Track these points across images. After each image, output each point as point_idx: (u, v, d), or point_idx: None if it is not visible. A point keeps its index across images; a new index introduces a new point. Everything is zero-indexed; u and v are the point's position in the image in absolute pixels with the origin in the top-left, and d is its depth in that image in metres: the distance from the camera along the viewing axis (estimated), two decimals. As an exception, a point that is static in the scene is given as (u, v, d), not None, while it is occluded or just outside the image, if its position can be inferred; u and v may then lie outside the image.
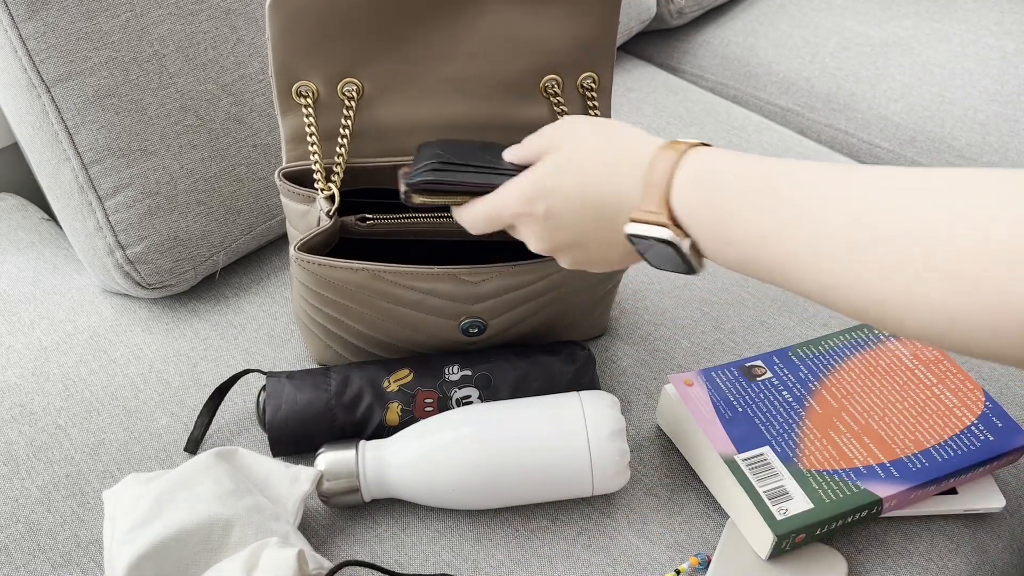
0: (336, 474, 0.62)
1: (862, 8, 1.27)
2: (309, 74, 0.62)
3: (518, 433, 0.61)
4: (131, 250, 0.75)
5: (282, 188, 0.64)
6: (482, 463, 0.60)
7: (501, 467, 0.61)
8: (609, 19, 0.64)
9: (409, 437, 0.62)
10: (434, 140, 0.63)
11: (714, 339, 0.79)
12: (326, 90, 0.62)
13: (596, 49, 0.65)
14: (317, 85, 0.62)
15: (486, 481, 0.61)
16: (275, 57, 0.60)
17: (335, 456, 0.62)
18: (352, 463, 0.62)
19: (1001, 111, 1.08)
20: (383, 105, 0.64)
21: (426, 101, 0.64)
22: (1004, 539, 0.68)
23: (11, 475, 0.66)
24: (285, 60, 0.61)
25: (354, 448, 0.62)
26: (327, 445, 0.63)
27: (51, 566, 0.61)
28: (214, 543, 0.56)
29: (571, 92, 0.66)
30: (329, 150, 0.64)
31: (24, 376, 0.73)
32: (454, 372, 0.67)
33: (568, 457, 0.61)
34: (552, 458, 0.61)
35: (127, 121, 0.72)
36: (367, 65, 0.62)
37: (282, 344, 0.77)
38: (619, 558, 0.63)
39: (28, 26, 0.68)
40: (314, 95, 0.62)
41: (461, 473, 0.61)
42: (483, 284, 0.63)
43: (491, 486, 0.61)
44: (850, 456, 0.63)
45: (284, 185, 0.64)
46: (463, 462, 0.60)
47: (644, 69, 1.19)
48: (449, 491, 0.61)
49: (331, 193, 0.63)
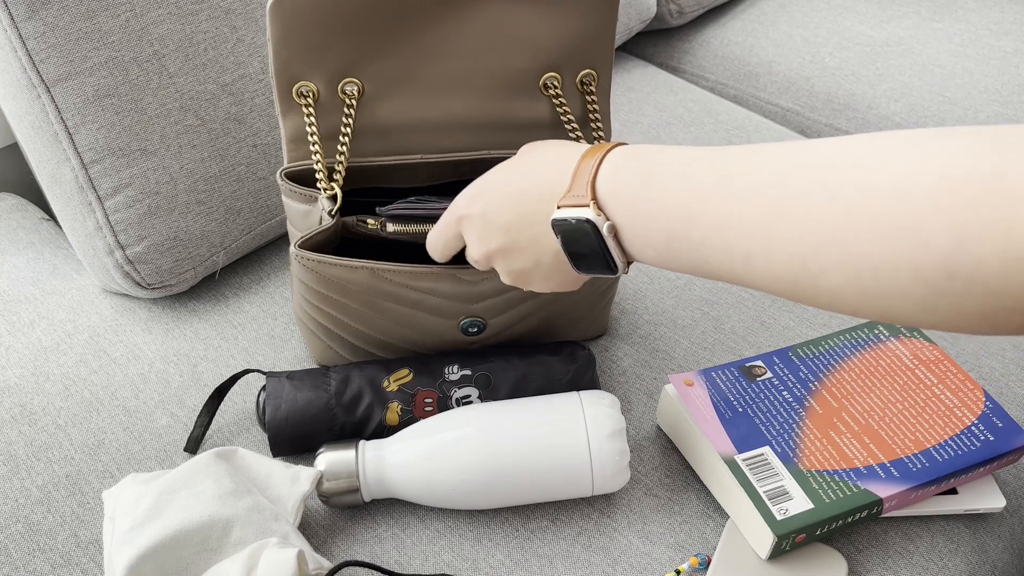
0: (336, 474, 0.62)
1: (862, 8, 1.27)
2: (309, 74, 0.62)
3: (518, 433, 0.61)
4: (131, 250, 0.75)
5: (284, 188, 0.64)
6: (482, 463, 0.60)
7: (501, 467, 0.61)
8: (608, 15, 0.64)
9: (409, 437, 0.62)
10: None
11: (714, 339, 0.79)
12: (326, 90, 0.62)
13: (595, 45, 0.65)
14: (317, 85, 0.62)
15: (486, 481, 0.61)
16: (276, 58, 0.60)
17: (335, 456, 0.62)
18: (352, 463, 0.62)
19: (1001, 111, 1.08)
20: (384, 104, 0.64)
21: (427, 99, 0.64)
22: (1004, 539, 0.68)
23: (11, 475, 0.66)
24: (286, 61, 0.61)
25: (354, 448, 0.62)
26: (327, 445, 0.63)
27: (51, 566, 0.61)
28: (214, 543, 0.56)
29: (570, 89, 0.66)
30: (330, 150, 0.64)
31: (24, 376, 0.73)
32: (454, 372, 0.67)
33: (568, 457, 0.61)
34: (552, 458, 0.61)
35: (127, 121, 0.72)
36: (367, 64, 0.62)
37: (282, 344, 0.77)
38: (619, 558, 0.63)
39: (28, 26, 0.68)
40: (314, 95, 0.62)
41: (461, 473, 0.60)
42: (482, 284, 0.63)
43: (491, 486, 0.61)
44: (850, 456, 0.63)
45: (286, 185, 0.64)
46: (463, 462, 0.60)
47: (644, 69, 1.19)
48: (449, 491, 0.61)
49: (333, 193, 0.63)
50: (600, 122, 0.67)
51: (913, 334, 0.73)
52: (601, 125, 0.67)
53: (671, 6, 1.24)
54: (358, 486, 0.62)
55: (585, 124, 0.68)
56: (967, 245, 0.35)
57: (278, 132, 0.79)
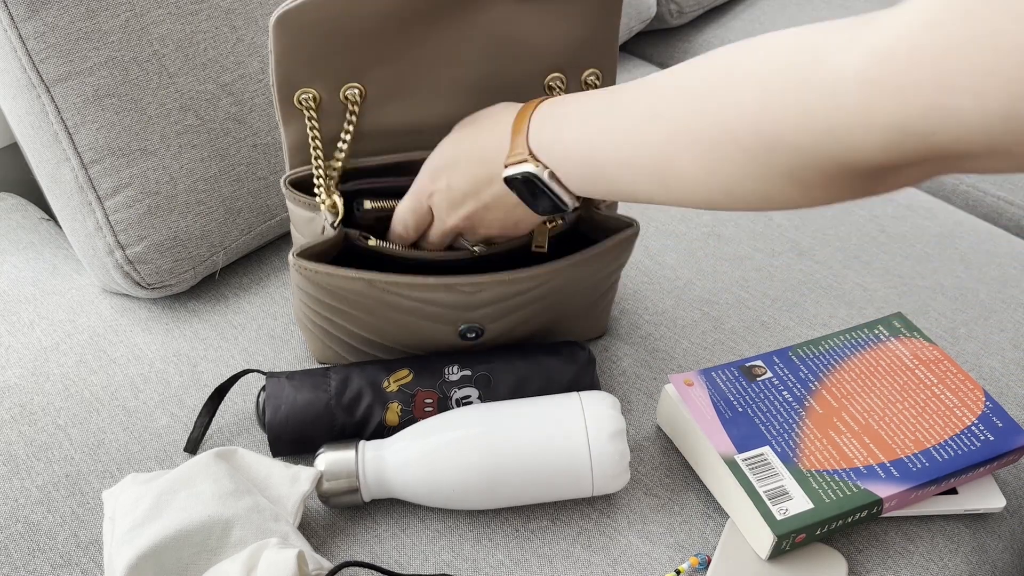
0: (335, 474, 0.62)
1: (863, 7, 1.27)
2: (311, 82, 0.61)
3: (518, 434, 0.61)
4: (131, 250, 0.75)
5: (288, 196, 0.64)
6: (482, 464, 0.60)
7: (501, 468, 0.60)
8: (611, 14, 0.64)
9: (409, 437, 0.62)
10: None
11: (714, 339, 0.79)
12: (328, 96, 0.62)
13: (599, 46, 0.65)
14: (319, 92, 0.61)
15: (486, 482, 0.61)
16: (278, 71, 0.60)
17: (334, 456, 0.62)
18: (352, 463, 0.62)
19: (1001, 111, 1.08)
20: (386, 109, 0.63)
21: (430, 104, 0.64)
22: (1004, 539, 0.68)
23: (11, 475, 0.66)
24: (288, 72, 0.60)
25: (354, 448, 0.62)
26: (327, 445, 0.63)
27: (50, 566, 0.61)
28: (214, 543, 0.56)
29: (575, 89, 0.66)
30: (331, 155, 0.64)
31: (24, 376, 0.73)
32: (454, 372, 0.67)
33: (568, 459, 0.61)
34: (552, 459, 0.61)
35: (127, 121, 0.72)
36: (369, 70, 0.61)
37: (282, 344, 0.77)
38: (619, 558, 0.63)
39: (28, 26, 0.68)
40: (316, 102, 0.62)
41: (461, 473, 0.60)
42: (480, 294, 0.63)
43: (491, 487, 0.61)
44: (850, 456, 0.63)
45: (290, 193, 0.64)
46: (463, 463, 0.60)
47: (644, 69, 1.19)
48: (449, 491, 0.61)
49: (334, 205, 0.63)
50: None
51: (913, 334, 0.73)
52: None
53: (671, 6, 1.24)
54: (358, 486, 0.62)
55: None
56: (770, 102, 0.41)
57: (278, 132, 0.79)
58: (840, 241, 0.90)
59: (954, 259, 0.90)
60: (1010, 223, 1.04)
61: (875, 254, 0.89)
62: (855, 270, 0.87)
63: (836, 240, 0.91)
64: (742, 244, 0.89)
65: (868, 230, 0.92)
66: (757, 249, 0.89)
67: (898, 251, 0.90)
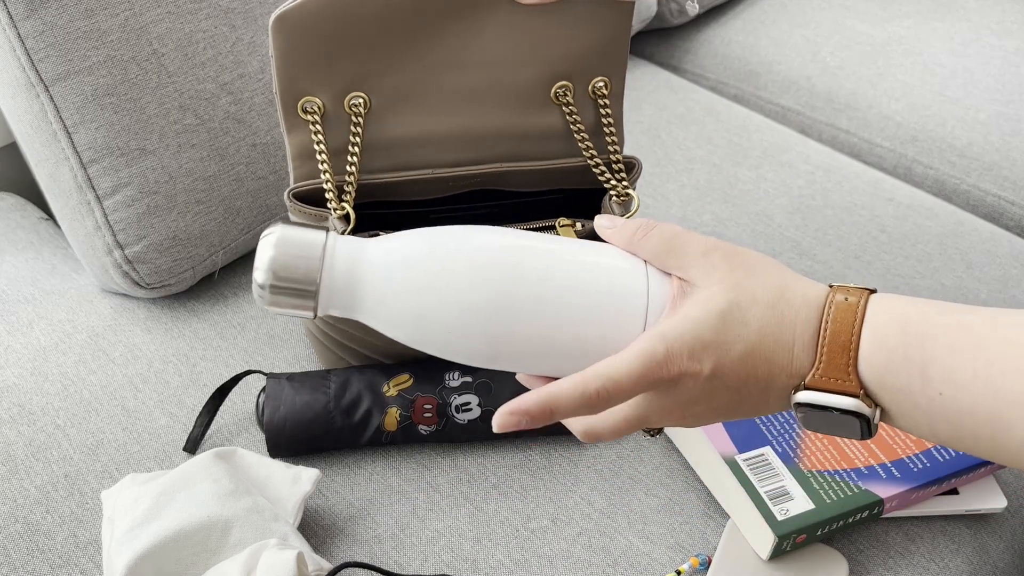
0: (289, 265, 0.43)
1: (863, 7, 1.26)
2: (315, 90, 0.60)
3: (555, 246, 0.45)
4: (130, 250, 0.75)
5: (292, 208, 0.62)
6: (500, 279, 0.44)
7: (525, 293, 0.43)
8: (622, 22, 0.62)
9: (410, 233, 0.45)
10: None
11: (715, 339, 0.78)
12: (332, 105, 0.61)
13: (608, 54, 0.63)
14: (323, 101, 0.60)
15: (501, 310, 0.43)
16: (279, 75, 0.59)
17: (295, 235, 0.43)
18: (317, 249, 0.43)
19: (1002, 110, 1.08)
20: (392, 118, 0.62)
21: (436, 112, 0.63)
22: (1005, 539, 0.68)
23: (10, 475, 0.66)
24: (290, 78, 0.59)
25: (324, 233, 0.44)
26: (282, 220, 0.45)
27: (50, 567, 0.61)
28: (213, 544, 0.56)
29: (582, 97, 0.65)
30: (338, 166, 0.62)
31: (23, 376, 0.73)
32: (454, 378, 0.67)
33: (616, 276, 0.45)
34: (592, 279, 0.44)
35: (126, 120, 0.72)
36: (374, 78, 0.60)
37: (282, 344, 0.77)
38: (619, 558, 0.63)
39: (27, 25, 0.68)
40: (320, 111, 0.61)
41: (470, 293, 0.43)
42: None
43: (507, 321, 0.44)
44: (851, 456, 0.63)
45: (295, 206, 0.61)
46: (475, 280, 0.43)
47: (644, 68, 1.19)
48: (446, 321, 0.43)
49: (345, 212, 0.60)
50: (613, 127, 0.66)
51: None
52: (614, 130, 0.66)
53: (671, 5, 1.24)
54: (316, 283, 0.43)
55: (597, 133, 0.66)
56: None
57: (278, 131, 0.79)
58: (841, 241, 0.90)
59: (955, 259, 0.90)
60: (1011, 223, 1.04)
61: (876, 254, 0.89)
62: (856, 270, 0.87)
63: (837, 240, 0.90)
64: (743, 244, 0.89)
65: (869, 230, 0.92)
66: (758, 249, 0.89)
67: (899, 251, 0.90)
